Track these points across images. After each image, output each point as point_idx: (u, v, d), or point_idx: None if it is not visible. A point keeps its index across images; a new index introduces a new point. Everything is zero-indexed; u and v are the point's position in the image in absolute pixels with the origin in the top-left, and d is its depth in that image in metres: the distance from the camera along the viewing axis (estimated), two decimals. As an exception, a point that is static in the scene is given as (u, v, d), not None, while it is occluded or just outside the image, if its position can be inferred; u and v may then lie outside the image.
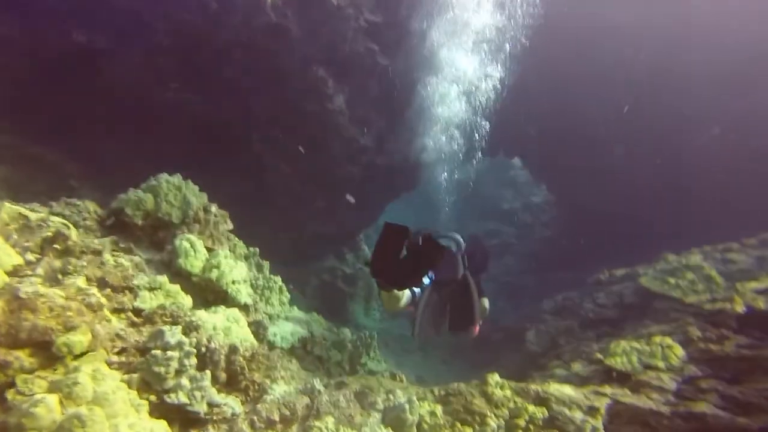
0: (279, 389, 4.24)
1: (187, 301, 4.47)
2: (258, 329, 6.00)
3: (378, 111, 11.02)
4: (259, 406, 3.87)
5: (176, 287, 4.29)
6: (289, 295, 7.15)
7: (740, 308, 6.25)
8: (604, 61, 11.75)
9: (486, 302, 5.81)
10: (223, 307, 5.04)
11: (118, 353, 3.20)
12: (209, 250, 5.37)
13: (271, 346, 6.25)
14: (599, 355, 6.27)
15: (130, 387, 3.02)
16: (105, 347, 3.08)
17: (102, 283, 3.52)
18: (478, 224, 20.12)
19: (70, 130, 7.98)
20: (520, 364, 9.18)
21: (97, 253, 3.69)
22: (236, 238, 6.23)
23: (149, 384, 3.16)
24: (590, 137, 12.80)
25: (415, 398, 4.51)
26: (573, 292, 10.29)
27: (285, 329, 6.71)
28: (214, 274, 5.02)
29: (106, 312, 3.27)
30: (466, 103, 11.48)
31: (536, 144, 14.15)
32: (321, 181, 10.99)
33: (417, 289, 4.77)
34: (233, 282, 5.31)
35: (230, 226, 6.00)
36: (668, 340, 5.87)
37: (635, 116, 12.00)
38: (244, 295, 5.48)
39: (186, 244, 4.89)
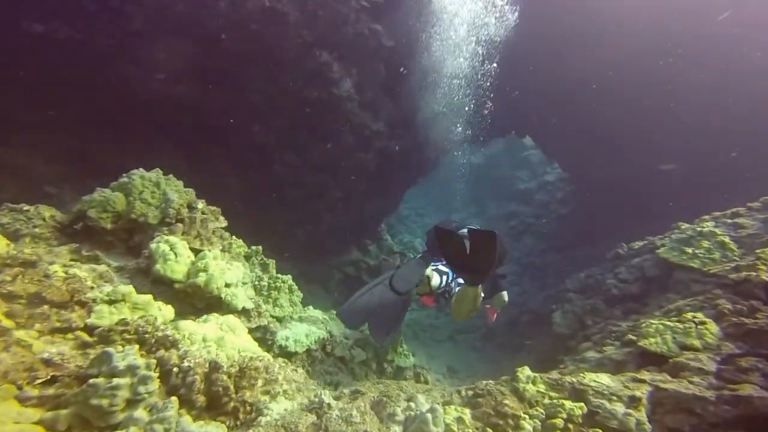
0: (278, 407, 3.37)
1: (165, 312, 3.63)
2: (264, 335, 5.18)
3: (387, 94, 10.09)
4: (250, 431, 3.01)
5: (146, 297, 3.45)
6: (301, 294, 6.28)
7: (766, 276, 5.49)
8: (608, 29, 10.50)
9: (505, 295, 5.65)
10: (215, 314, 4.21)
11: (44, 385, 2.37)
12: (196, 251, 4.53)
13: (283, 351, 5.42)
14: (632, 336, 5.57)
15: (52, 428, 2.19)
16: (16, 380, 2.24)
17: (35, 300, 2.70)
18: (497, 206, 19.12)
19: (43, 130, 7.13)
20: (550, 347, 8.64)
21: (30, 264, 2.87)
22: (232, 237, 5.38)
23: (87, 421, 2.32)
24: (596, 111, 11.59)
25: (439, 406, 3.61)
26: (595, 268, 9.56)
27: (299, 331, 5.84)
28: (201, 278, 4.18)
29: (25, 335, 2.45)
30: (473, 45, 10.41)
31: (545, 122, 13.02)
32: (334, 170, 10.13)
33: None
34: (227, 285, 4.47)
35: (223, 223, 5.15)
36: (700, 316, 5.17)
37: (643, 88, 10.84)
38: (242, 299, 4.64)
39: (164, 247, 4.05)
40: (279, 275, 5.98)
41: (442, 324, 12.40)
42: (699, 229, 7.32)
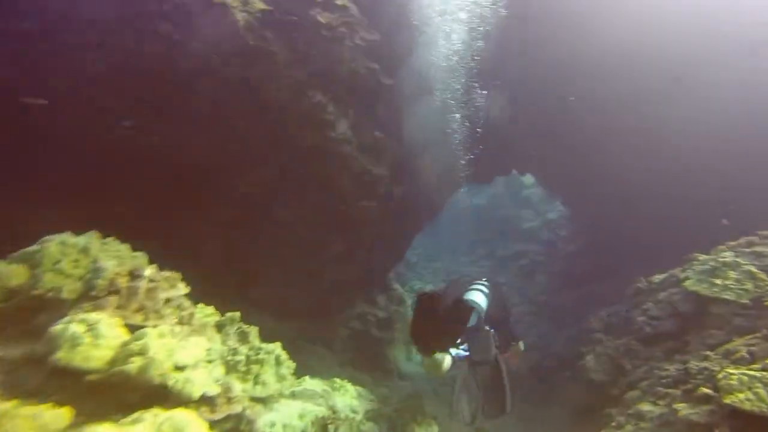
0: None
1: (51, 420, 2.32)
2: (238, 425, 3.79)
3: (387, 134, 8.94)
4: None
5: (5, 405, 2.14)
6: (293, 364, 4.90)
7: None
8: (608, 55, 9.30)
9: (522, 344, 5.48)
10: (155, 410, 2.88)
11: None
12: (137, 328, 3.25)
13: (268, 443, 4.02)
14: (707, 390, 4.57)
15: None
16: None
17: None
18: (504, 246, 17.79)
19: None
20: (586, 397, 7.42)
21: None
22: (197, 305, 4.11)
23: None
24: (595, 144, 10.44)
25: None
26: (617, 305, 8.50)
27: (289, 412, 4.46)
28: (134, 364, 2.89)
29: None
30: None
31: (544, 158, 11.90)
32: (334, 221, 8.81)
33: (458, 352, 4.41)
34: (178, 368, 3.17)
35: (181, 291, 3.87)
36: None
37: (645, 117, 9.73)
38: (201, 383, 3.32)
39: (75, 329, 2.78)
40: (263, 345, 4.63)
41: (463, 378, 10.80)
42: (721, 259, 6.59)
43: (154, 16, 6.39)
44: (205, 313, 4.22)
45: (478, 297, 5.07)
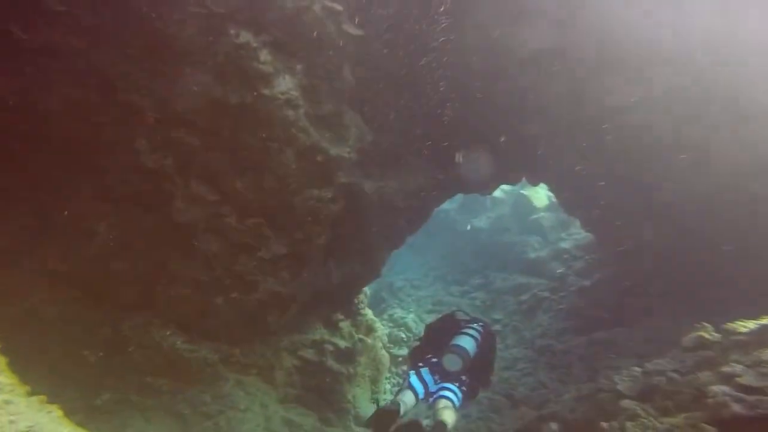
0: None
1: None
2: None
3: (356, 108, 6.64)
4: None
5: None
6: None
7: None
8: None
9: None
10: None
11: None
12: None
13: None
14: None
15: None
16: None
17: None
18: (504, 277, 14.89)
19: None
20: None
21: None
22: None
23: None
24: (637, 146, 7.85)
25: None
26: (660, 360, 5.54)
27: None
28: None
29: None
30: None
31: (562, 162, 9.28)
32: (274, 213, 6.36)
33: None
34: None
35: None
36: None
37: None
38: None
39: None
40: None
41: None
42: None
43: None
44: None
45: (468, 343, 4.87)
